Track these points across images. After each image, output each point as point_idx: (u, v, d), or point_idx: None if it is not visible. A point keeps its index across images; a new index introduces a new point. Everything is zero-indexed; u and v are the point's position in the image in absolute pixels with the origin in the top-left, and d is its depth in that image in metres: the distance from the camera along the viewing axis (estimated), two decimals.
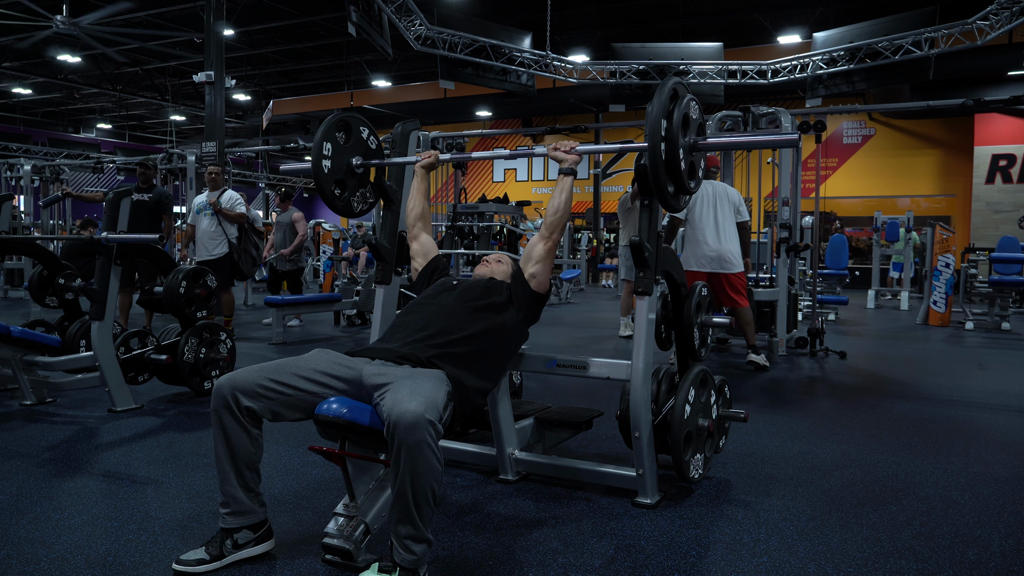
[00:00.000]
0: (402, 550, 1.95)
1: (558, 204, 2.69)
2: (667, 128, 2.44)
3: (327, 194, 2.94)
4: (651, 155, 2.42)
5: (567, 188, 2.71)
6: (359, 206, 3.12)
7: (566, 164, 2.70)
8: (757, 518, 2.61)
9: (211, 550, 2.16)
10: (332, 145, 2.92)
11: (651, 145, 2.42)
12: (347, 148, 3.00)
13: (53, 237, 6.30)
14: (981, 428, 3.97)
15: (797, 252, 6.36)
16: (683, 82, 2.59)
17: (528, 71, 11.95)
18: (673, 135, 2.44)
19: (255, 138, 23.62)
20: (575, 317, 9.81)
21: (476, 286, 2.61)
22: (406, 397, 1.94)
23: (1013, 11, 9.42)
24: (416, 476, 1.88)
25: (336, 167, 2.95)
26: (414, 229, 2.98)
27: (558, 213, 2.68)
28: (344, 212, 3.08)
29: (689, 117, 2.53)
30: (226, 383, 2.10)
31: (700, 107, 2.62)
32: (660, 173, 2.46)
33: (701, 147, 2.61)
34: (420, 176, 3.03)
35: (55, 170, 14.10)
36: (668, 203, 2.56)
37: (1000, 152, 15.53)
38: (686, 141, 2.52)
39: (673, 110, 2.46)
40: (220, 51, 10.48)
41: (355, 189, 3.07)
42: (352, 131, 3.02)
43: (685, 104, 2.49)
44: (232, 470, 2.14)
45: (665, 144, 2.44)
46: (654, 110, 2.42)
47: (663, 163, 2.45)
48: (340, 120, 2.98)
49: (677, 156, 2.46)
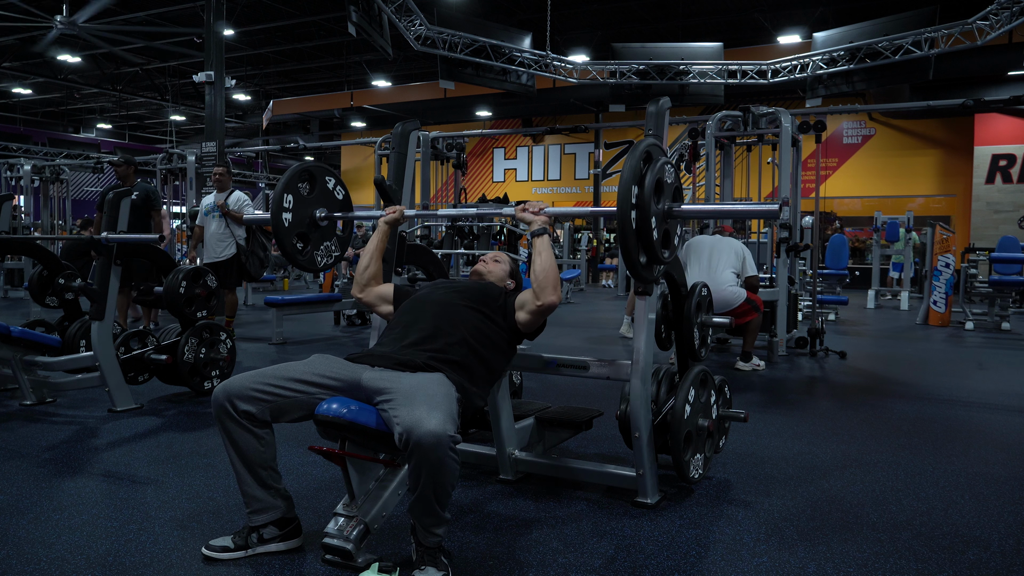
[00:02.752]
0: (427, 533, 2.05)
1: (539, 269, 2.43)
2: (638, 195, 2.27)
3: (287, 249, 2.76)
4: (620, 224, 2.25)
5: (545, 248, 2.46)
6: (323, 260, 2.93)
7: (535, 226, 2.49)
8: (757, 518, 2.61)
9: (237, 540, 2.23)
10: (294, 197, 2.75)
11: (620, 213, 2.24)
12: (311, 200, 2.82)
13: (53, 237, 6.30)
14: (981, 428, 3.97)
15: (797, 252, 6.37)
16: (658, 143, 2.44)
17: (528, 71, 11.95)
18: (645, 202, 2.27)
19: (255, 138, 23.61)
20: (575, 317, 9.81)
21: (472, 288, 2.58)
22: (425, 414, 1.91)
23: (1013, 11, 9.42)
24: (438, 483, 1.94)
25: (298, 220, 2.77)
26: (364, 290, 2.74)
27: (545, 274, 2.41)
28: (307, 267, 2.89)
29: (663, 182, 2.36)
30: (220, 391, 2.16)
31: (676, 169, 2.46)
32: (630, 243, 2.29)
33: (676, 214, 2.43)
34: (382, 233, 2.78)
35: (55, 170, 14.11)
36: (640, 274, 2.40)
37: (1000, 152, 15.52)
38: (659, 208, 2.35)
39: (646, 174, 2.30)
40: (220, 51, 10.48)
41: (319, 243, 2.89)
42: (317, 181, 2.84)
43: (659, 168, 2.33)
44: (246, 471, 2.21)
45: (636, 212, 2.27)
46: (625, 174, 2.25)
47: (633, 232, 2.28)
48: (303, 170, 2.80)
49: (649, 225, 2.29)
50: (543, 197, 21.87)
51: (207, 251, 6.68)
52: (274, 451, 2.25)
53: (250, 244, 6.70)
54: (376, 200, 10.48)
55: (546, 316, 2.49)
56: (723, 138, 6.88)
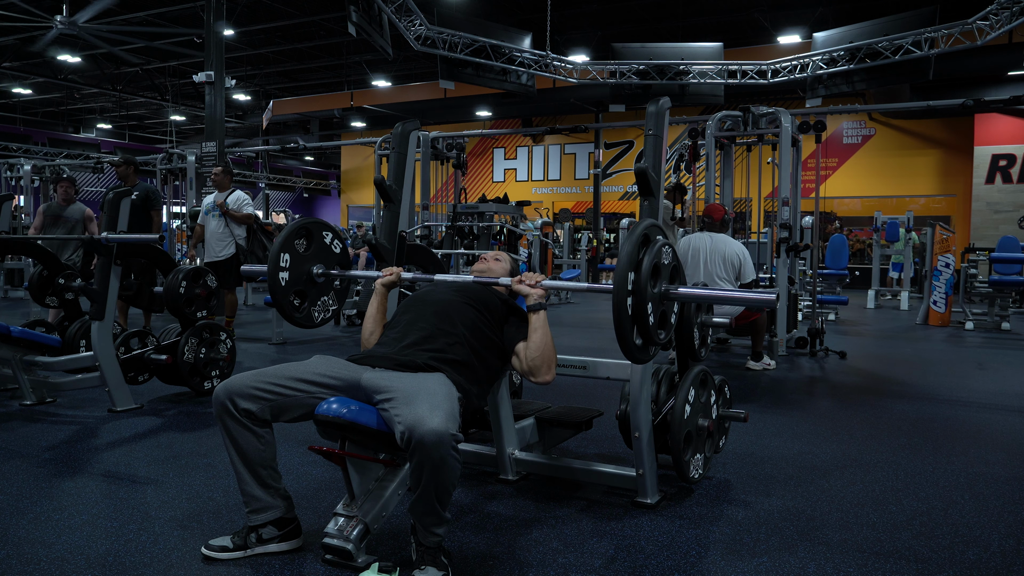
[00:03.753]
0: (427, 533, 2.04)
1: (536, 346, 2.37)
2: (635, 280, 2.22)
3: (284, 308, 2.74)
4: (616, 310, 2.22)
5: (541, 325, 2.39)
6: (320, 315, 2.88)
7: (532, 300, 2.41)
8: (757, 518, 2.61)
9: (236, 540, 2.24)
10: (291, 255, 2.72)
11: (616, 300, 2.21)
12: (307, 256, 2.80)
13: (53, 237, 6.30)
14: (981, 428, 3.97)
15: (797, 252, 6.36)
16: (656, 223, 2.39)
17: (528, 71, 11.95)
18: (641, 288, 2.23)
19: (255, 138, 23.60)
20: (575, 317, 9.81)
21: (472, 288, 2.57)
22: (427, 412, 1.91)
23: (1013, 11, 9.42)
24: (439, 483, 1.94)
25: (295, 278, 2.75)
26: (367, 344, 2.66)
27: (541, 352, 2.37)
28: (303, 324, 2.84)
29: (661, 264, 2.32)
30: (221, 390, 2.17)
31: (673, 251, 2.40)
32: (625, 329, 2.24)
33: (672, 297, 2.39)
34: (380, 296, 2.70)
35: (55, 170, 14.11)
36: (634, 355, 2.34)
37: (1000, 152, 15.52)
38: (655, 292, 2.31)
39: (643, 259, 2.25)
40: (220, 51, 10.48)
41: (316, 298, 2.85)
42: (314, 238, 2.82)
43: (656, 251, 2.28)
44: (246, 471, 2.21)
45: (632, 298, 2.23)
46: (622, 259, 2.22)
47: (629, 318, 2.24)
48: (300, 227, 2.78)
49: (645, 310, 2.25)
50: (543, 197, 21.94)
51: (207, 251, 6.67)
52: (274, 451, 2.25)
53: (250, 244, 6.69)
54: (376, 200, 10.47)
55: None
56: (723, 138, 6.88)
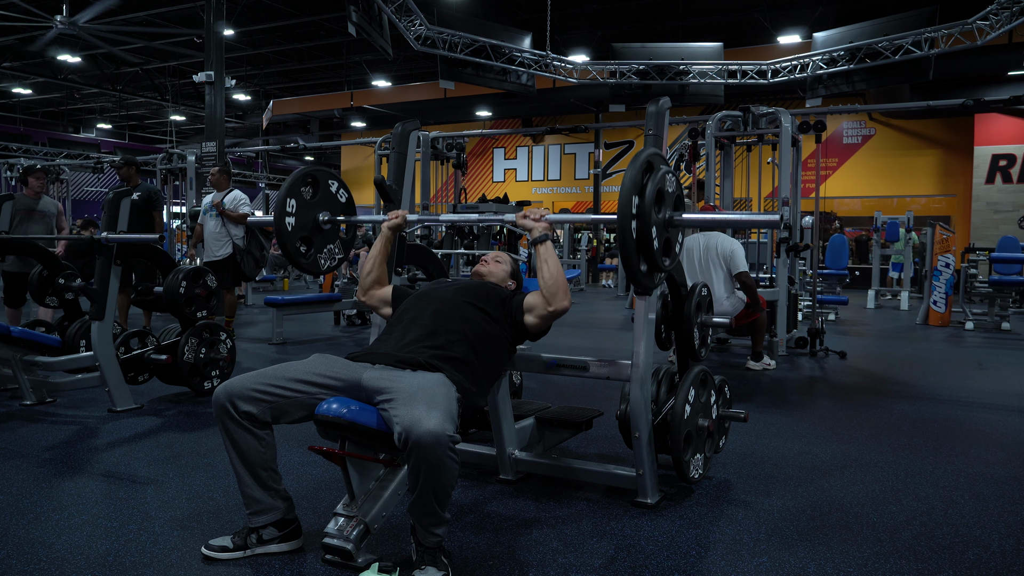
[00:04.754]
0: (427, 533, 2.05)
1: (546, 276, 2.43)
2: (639, 204, 2.27)
3: (291, 252, 2.78)
4: (621, 233, 2.26)
5: (549, 255, 2.46)
6: (326, 263, 2.94)
7: (536, 233, 2.48)
8: (757, 518, 2.61)
9: (236, 540, 2.24)
10: (297, 201, 2.76)
11: (621, 223, 2.25)
12: (314, 203, 2.83)
13: (53, 237, 6.30)
14: (981, 428, 3.97)
15: (797, 252, 6.36)
16: (659, 153, 2.43)
17: (528, 71, 11.95)
18: (645, 212, 2.27)
19: (255, 138, 23.60)
20: (575, 317, 9.80)
21: (473, 287, 2.58)
22: (424, 413, 1.91)
23: (1013, 11, 9.42)
24: (437, 483, 1.94)
25: (301, 224, 2.79)
26: (367, 293, 2.76)
27: (554, 280, 2.42)
28: (310, 271, 2.92)
29: (664, 191, 2.36)
30: (221, 392, 2.16)
31: (677, 179, 2.46)
32: (631, 253, 2.28)
33: (677, 223, 2.42)
34: (386, 239, 2.79)
35: (55, 170, 14.11)
36: (640, 282, 2.39)
37: (1000, 152, 15.52)
38: (660, 217, 2.34)
39: (647, 184, 2.29)
40: (220, 51, 10.48)
41: (322, 245, 2.91)
42: (320, 185, 2.86)
43: (660, 177, 2.32)
44: (247, 472, 2.21)
45: (637, 222, 2.27)
46: (625, 184, 2.26)
47: (634, 242, 2.28)
48: (306, 174, 2.82)
49: (650, 234, 2.29)
50: (543, 197, 21.92)
51: (206, 251, 6.67)
52: (274, 452, 2.25)
53: (248, 244, 6.69)
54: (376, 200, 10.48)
55: (556, 319, 2.49)
56: (723, 138, 6.87)
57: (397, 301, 2.70)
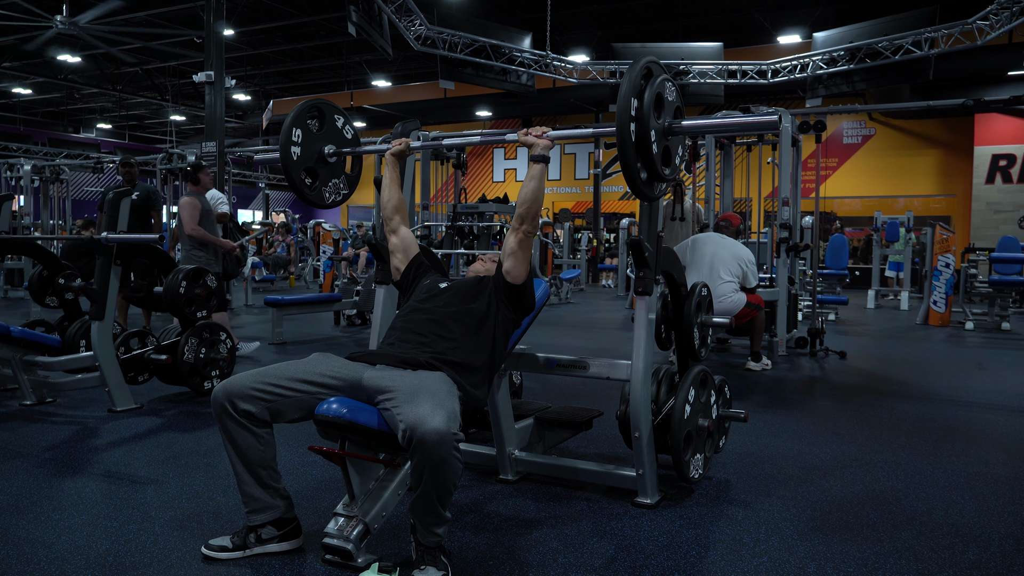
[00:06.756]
0: (427, 533, 2.05)
1: (526, 194, 2.46)
2: (638, 108, 2.25)
3: (296, 182, 2.81)
4: (620, 136, 2.23)
5: (536, 176, 2.49)
6: (331, 197, 2.98)
7: (537, 150, 2.50)
8: (757, 518, 2.61)
9: (236, 540, 2.24)
10: (303, 132, 2.80)
11: (620, 125, 2.22)
12: (320, 136, 2.87)
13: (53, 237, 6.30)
14: (981, 428, 3.97)
15: (797, 252, 6.36)
16: (658, 61, 2.40)
17: (528, 71, 11.96)
18: (644, 116, 2.25)
19: (255, 138, 23.60)
20: (575, 317, 9.80)
21: (465, 286, 2.57)
22: (428, 411, 1.91)
23: (1013, 11, 9.42)
24: (440, 482, 1.94)
25: (306, 155, 2.82)
26: (392, 222, 2.79)
27: (526, 203, 2.45)
28: (315, 202, 2.95)
29: (664, 97, 2.34)
30: (220, 391, 2.16)
31: (677, 88, 2.43)
32: (630, 156, 2.25)
33: (677, 130, 2.39)
34: (391, 165, 2.83)
35: (55, 170, 14.10)
36: (641, 191, 2.35)
37: (1000, 152, 15.51)
38: (659, 123, 2.32)
39: (645, 88, 2.27)
40: (220, 51, 10.48)
41: (327, 179, 2.93)
42: (326, 119, 2.89)
43: (659, 83, 2.30)
44: (246, 471, 2.21)
45: (635, 125, 2.24)
46: (624, 88, 2.22)
47: (632, 145, 2.25)
48: (312, 106, 2.86)
49: (649, 139, 2.26)
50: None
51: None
52: (274, 451, 2.25)
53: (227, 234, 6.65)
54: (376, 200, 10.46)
55: (528, 253, 2.47)
56: (723, 138, 6.87)
57: (414, 265, 2.72)
